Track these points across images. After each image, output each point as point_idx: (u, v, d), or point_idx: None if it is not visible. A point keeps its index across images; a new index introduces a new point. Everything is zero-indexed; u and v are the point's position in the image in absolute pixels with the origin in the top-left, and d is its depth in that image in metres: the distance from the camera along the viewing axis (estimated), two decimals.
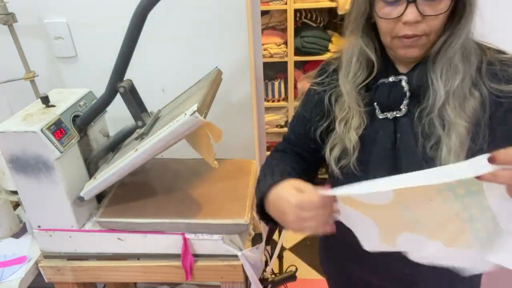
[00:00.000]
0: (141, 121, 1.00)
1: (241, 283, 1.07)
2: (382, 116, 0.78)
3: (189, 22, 1.25)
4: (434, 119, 0.73)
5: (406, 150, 0.76)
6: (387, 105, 0.78)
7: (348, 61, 0.79)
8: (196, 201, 1.07)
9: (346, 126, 0.80)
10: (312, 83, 0.88)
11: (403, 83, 0.76)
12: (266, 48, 2.39)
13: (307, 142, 0.88)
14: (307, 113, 0.87)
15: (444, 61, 0.72)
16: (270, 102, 2.60)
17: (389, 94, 0.77)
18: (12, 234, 1.18)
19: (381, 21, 0.72)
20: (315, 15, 2.40)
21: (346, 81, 0.80)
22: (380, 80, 0.78)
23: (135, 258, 1.07)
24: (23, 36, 1.24)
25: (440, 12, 0.67)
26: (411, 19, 0.67)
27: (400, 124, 0.77)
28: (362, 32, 0.77)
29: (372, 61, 0.77)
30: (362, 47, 0.77)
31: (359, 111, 0.79)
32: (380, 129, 0.78)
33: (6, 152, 0.94)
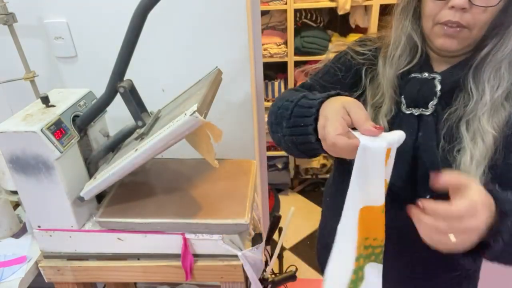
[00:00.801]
0: (141, 121, 1.00)
1: (241, 283, 1.07)
2: (408, 111, 0.77)
3: (189, 22, 1.25)
4: (462, 124, 0.72)
5: (425, 150, 0.75)
6: (415, 100, 0.76)
7: (394, 44, 0.78)
8: (196, 201, 1.07)
9: (375, 111, 0.78)
10: (351, 48, 0.86)
11: (436, 82, 0.74)
12: (266, 48, 2.39)
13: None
14: (339, 72, 0.85)
15: (492, 67, 0.70)
16: (270, 102, 2.59)
17: (419, 90, 0.75)
18: (12, 234, 1.18)
19: (428, 2, 0.70)
20: (315, 15, 2.41)
21: (388, 63, 0.78)
22: (413, 74, 0.77)
23: (135, 258, 1.07)
24: (23, 36, 1.24)
25: (489, 5, 0.65)
26: (459, 3, 0.65)
27: (424, 123, 0.76)
28: (412, 17, 0.75)
29: (415, 48, 0.76)
30: (409, 32, 0.75)
31: (392, 98, 0.78)
32: (404, 125, 0.77)
33: (6, 152, 0.94)
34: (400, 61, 0.77)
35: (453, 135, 0.73)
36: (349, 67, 0.84)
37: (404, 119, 0.78)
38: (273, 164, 2.82)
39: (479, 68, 0.71)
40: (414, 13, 0.75)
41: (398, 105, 0.78)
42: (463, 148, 0.71)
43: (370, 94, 0.80)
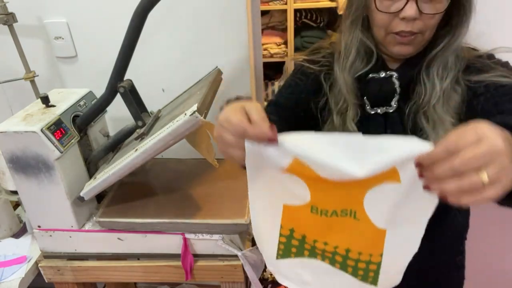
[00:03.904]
0: (141, 121, 1.00)
1: (241, 283, 1.07)
2: (373, 111, 0.79)
3: (189, 22, 1.24)
4: (421, 115, 0.75)
5: None
6: (377, 100, 0.78)
7: (347, 51, 0.78)
8: (196, 201, 1.07)
9: (341, 118, 0.79)
10: (304, 59, 0.86)
11: (394, 79, 0.76)
12: (266, 48, 2.39)
13: (297, 109, 0.84)
14: (301, 82, 0.85)
15: (440, 61, 0.74)
16: None
17: (380, 90, 0.77)
18: (12, 234, 1.18)
19: (377, 14, 0.71)
20: (315, 15, 2.40)
21: (345, 70, 0.79)
22: (371, 75, 0.78)
23: (135, 258, 1.07)
24: (23, 36, 1.24)
25: (438, 11, 0.68)
26: (410, 14, 0.67)
27: (391, 120, 0.78)
28: (362, 25, 0.77)
29: (370, 53, 0.77)
30: (362, 38, 0.77)
31: (355, 102, 0.79)
32: (371, 125, 0.79)
33: (6, 152, 0.93)
34: (356, 66, 0.78)
35: (416, 127, 0.75)
36: (307, 75, 0.85)
37: (371, 119, 0.79)
38: None
39: (430, 63, 0.75)
40: (363, 22, 0.76)
41: (362, 107, 0.79)
42: (426, 138, 0.72)
43: (333, 102, 0.81)
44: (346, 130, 0.78)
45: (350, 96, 0.78)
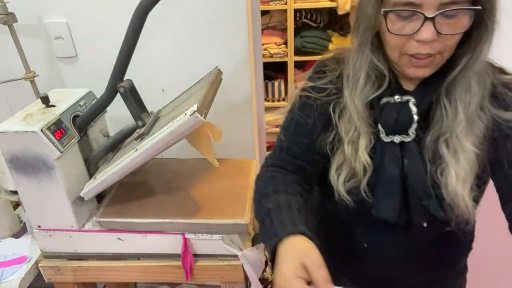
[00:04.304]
0: (141, 121, 1.00)
1: (241, 283, 1.07)
2: (388, 139, 0.72)
3: (189, 22, 1.24)
4: (442, 143, 0.69)
5: (415, 177, 0.71)
6: (393, 129, 0.71)
7: (357, 75, 0.72)
8: (196, 201, 1.07)
9: (353, 147, 0.73)
10: (310, 87, 0.79)
11: (411, 105, 0.70)
12: (266, 48, 2.39)
13: (311, 153, 0.79)
14: (310, 120, 0.78)
15: (463, 84, 0.67)
16: (270, 102, 2.60)
17: (396, 119, 0.70)
18: (12, 234, 1.18)
19: (390, 36, 0.65)
20: (315, 15, 2.41)
21: (355, 96, 0.72)
22: (384, 99, 0.72)
23: (135, 258, 1.07)
24: (23, 36, 1.24)
25: (459, 32, 0.62)
26: (428, 37, 0.61)
27: (408, 150, 0.72)
28: (372, 45, 0.70)
29: (381, 76, 0.71)
30: (371, 61, 0.70)
31: (368, 130, 0.72)
32: (387, 154, 0.73)
33: (6, 152, 0.93)
34: (367, 90, 0.71)
35: (436, 155, 0.70)
36: (315, 110, 0.78)
37: (386, 148, 0.73)
38: None
39: (451, 86, 0.68)
40: (373, 42, 0.69)
41: (376, 134, 0.73)
42: (447, 168, 0.69)
43: (343, 130, 0.74)
44: (359, 160, 0.73)
45: (361, 124, 0.72)
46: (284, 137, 0.82)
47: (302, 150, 0.79)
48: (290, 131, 0.81)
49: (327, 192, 0.81)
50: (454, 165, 0.68)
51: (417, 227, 0.75)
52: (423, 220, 0.74)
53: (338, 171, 0.75)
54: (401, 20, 0.62)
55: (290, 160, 0.80)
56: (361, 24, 0.69)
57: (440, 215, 0.71)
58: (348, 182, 0.74)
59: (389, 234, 0.79)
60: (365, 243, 0.83)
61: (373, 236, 0.82)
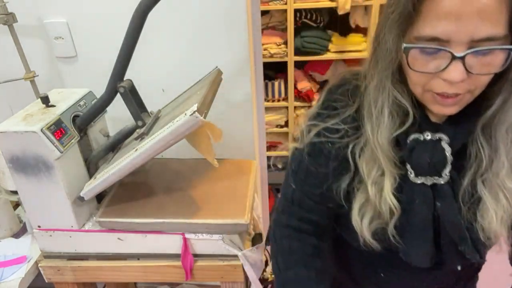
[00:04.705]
0: (141, 121, 1.00)
1: (241, 283, 1.07)
2: (418, 181, 0.65)
3: (189, 22, 1.24)
4: (480, 183, 0.63)
5: (449, 222, 0.65)
6: (424, 171, 0.64)
7: (379, 112, 0.63)
8: (196, 201, 1.07)
9: (377, 187, 0.65)
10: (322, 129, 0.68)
11: (444, 145, 0.62)
12: (266, 48, 2.39)
13: (325, 202, 0.72)
14: (322, 169, 0.69)
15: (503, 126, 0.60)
16: (270, 102, 2.59)
17: (430, 162, 0.62)
18: (12, 234, 1.18)
19: (412, 73, 0.57)
20: (315, 15, 2.40)
21: (378, 133, 0.63)
22: (412, 136, 0.63)
23: (135, 258, 1.07)
24: (23, 36, 1.24)
25: (493, 71, 0.54)
26: (456, 79, 0.52)
27: (441, 192, 0.64)
28: (393, 79, 0.61)
29: (405, 111, 0.62)
30: (394, 96, 0.62)
31: (393, 170, 0.65)
32: (416, 196, 0.65)
33: (6, 152, 0.93)
34: (390, 126, 0.63)
35: (472, 196, 0.64)
36: (328, 156, 0.68)
37: (416, 189, 0.65)
38: (273, 164, 2.81)
39: (488, 125, 0.61)
40: (393, 75, 0.61)
41: (402, 175, 0.65)
42: (485, 209, 0.63)
43: (365, 170, 0.66)
44: (384, 202, 0.65)
45: (387, 163, 0.64)
46: (295, 184, 0.74)
47: (315, 201, 0.73)
48: (300, 178, 0.73)
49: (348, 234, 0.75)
50: (494, 206, 0.62)
51: (448, 267, 0.71)
52: (457, 264, 0.70)
53: (361, 214, 0.68)
54: (425, 56, 0.54)
55: (303, 215, 0.75)
56: (380, 59, 0.60)
57: (476, 259, 0.66)
58: (372, 224, 0.67)
59: (417, 273, 0.74)
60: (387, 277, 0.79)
61: (398, 275, 0.77)
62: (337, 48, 2.41)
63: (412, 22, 0.54)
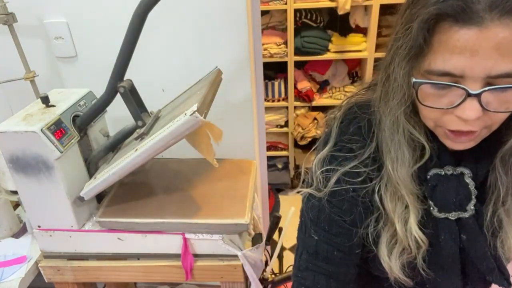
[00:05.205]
0: (141, 121, 1.00)
1: (241, 283, 1.07)
2: (442, 215, 0.62)
3: (189, 22, 1.24)
4: (502, 213, 0.62)
5: (476, 254, 0.64)
6: (448, 206, 0.62)
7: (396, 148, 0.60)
8: (196, 201, 1.07)
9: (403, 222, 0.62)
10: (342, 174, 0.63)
11: (467, 179, 0.60)
12: (266, 48, 2.39)
13: (353, 251, 0.66)
14: (347, 217, 0.64)
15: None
16: (270, 102, 2.60)
17: (455, 198, 0.61)
18: (12, 234, 1.18)
19: (423, 107, 0.54)
20: (315, 15, 2.40)
21: (398, 170, 0.60)
22: (433, 171, 0.61)
23: (135, 258, 1.07)
24: (23, 36, 1.24)
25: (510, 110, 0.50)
26: (471, 117, 0.49)
27: (466, 226, 0.62)
28: (406, 112, 0.58)
29: (421, 146, 0.60)
30: (410, 133, 0.59)
31: (417, 205, 0.62)
32: (441, 231, 0.63)
33: (6, 152, 0.93)
34: (409, 160, 0.60)
35: (494, 225, 0.63)
36: (352, 202, 0.64)
37: (440, 225, 0.63)
38: (273, 164, 2.81)
39: (506, 157, 0.59)
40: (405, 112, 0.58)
41: (424, 209, 0.63)
42: (505, 236, 0.62)
43: (390, 207, 0.62)
44: (410, 235, 0.62)
45: (410, 198, 0.61)
46: (317, 235, 0.66)
47: (344, 253, 0.66)
48: (322, 228, 0.66)
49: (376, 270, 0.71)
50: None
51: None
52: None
53: (389, 251, 0.64)
54: (437, 90, 0.51)
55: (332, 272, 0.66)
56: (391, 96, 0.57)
57: (504, 285, 0.65)
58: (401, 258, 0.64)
59: None
60: None
61: None
62: (337, 48, 2.41)
63: (424, 56, 0.50)
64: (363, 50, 2.41)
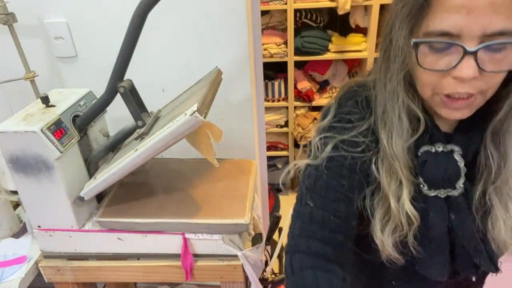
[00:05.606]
0: (141, 121, 1.00)
1: (241, 283, 1.07)
2: (432, 194, 0.64)
3: (189, 22, 1.24)
4: (492, 193, 0.62)
5: (464, 235, 0.64)
6: (438, 183, 0.63)
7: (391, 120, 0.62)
8: (196, 201, 1.07)
9: (396, 198, 0.63)
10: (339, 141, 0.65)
11: (457, 156, 0.61)
12: (266, 48, 2.39)
13: (350, 220, 0.65)
14: (345, 181, 0.64)
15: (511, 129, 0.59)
16: (270, 102, 2.60)
17: (444, 174, 0.62)
18: (12, 234, 1.18)
19: (422, 72, 0.55)
20: (315, 15, 2.40)
21: (392, 143, 0.62)
22: (424, 148, 0.63)
23: (135, 258, 1.07)
24: (23, 36, 1.24)
25: (505, 69, 0.52)
26: (468, 75, 0.50)
27: (455, 204, 0.64)
28: (405, 84, 0.60)
29: (416, 119, 0.62)
30: (407, 104, 0.60)
31: (410, 181, 0.63)
32: (431, 209, 0.64)
33: (6, 152, 0.93)
34: (404, 134, 0.62)
35: (484, 206, 0.63)
36: (350, 169, 0.64)
37: (429, 202, 0.64)
38: (273, 164, 2.81)
39: (497, 132, 0.60)
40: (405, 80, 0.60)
41: (416, 185, 0.64)
42: (495, 217, 0.62)
43: (385, 182, 0.63)
44: (403, 211, 0.63)
45: (404, 171, 0.62)
46: (313, 203, 0.64)
47: (340, 219, 0.63)
48: (319, 194, 0.64)
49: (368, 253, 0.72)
50: (503, 215, 0.62)
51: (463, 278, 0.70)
52: (473, 275, 0.70)
53: (382, 227, 0.64)
54: (435, 52, 0.53)
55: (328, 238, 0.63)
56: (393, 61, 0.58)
57: (492, 270, 0.66)
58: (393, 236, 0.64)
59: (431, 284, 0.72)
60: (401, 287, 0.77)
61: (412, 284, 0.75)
62: (337, 48, 2.41)
63: (423, 16, 0.52)
64: (363, 50, 2.41)
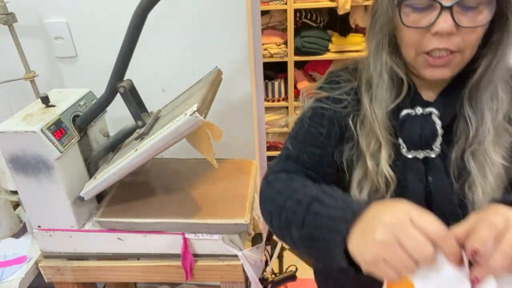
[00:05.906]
0: (141, 121, 1.00)
1: (241, 283, 1.07)
2: (410, 155, 0.67)
3: (189, 22, 1.25)
4: (469, 156, 0.64)
5: (441, 197, 0.66)
6: (416, 144, 0.66)
7: (375, 81, 0.67)
8: (196, 201, 1.07)
9: (374, 160, 0.67)
10: (324, 97, 0.71)
11: (435, 118, 0.65)
12: (266, 48, 2.39)
13: (323, 166, 0.71)
14: (323, 129, 0.70)
15: (488, 90, 0.62)
16: (270, 102, 2.60)
17: (420, 134, 0.65)
18: (12, 234, 1.18)
19: (406, 31, 0.61)
20: (315, 15, 2.41)
21: (374, 104, 0.67)
22: (404, 111, 0.67)
23: (135, 258, 1.07)
24: (23, 36, 1.24)
25: (478, 24, 0.57)
26: (445, 28, 0.56)
27: (432, 166, 0.66)
28: (389, 47, 0.65)
29: (400, 82, 0.66)
30: (390, 66, 0.65)
31: (389, 142, 0.66)
32: (409, 171, 0.67)
33: (6, 152, 0.93)
34: (386, 98, 0.66)
35: (462, 170, 0.65)
36: (329, 120, 0.70)
37: (408, 164, 0.67)
38: None
39: (474, 92, 0.64)
40: (390, 43, 0.65)
41: (396, 147, 0.67)
42: (473, 183, 0.64)
43: (364, 143, 0.67)
44: (381, 174, 0.66)
45: (383, 134, 0.66)
46: (292, 146, 0.72)
47: (314, 161, 0.70)
48: (299, 140, 0.72)
49: None
50: (481, 181, 0.63)
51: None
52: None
53: (360, 187, 0.68)
54: (416, 12, 0.58)
55: (300, 169, 0.70)
56: (377, 22, 0.64)
57: None
58: (370, 198, 0.67)
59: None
60: None
61: None
62: (337, 48, 2.41)
63: None
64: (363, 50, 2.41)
